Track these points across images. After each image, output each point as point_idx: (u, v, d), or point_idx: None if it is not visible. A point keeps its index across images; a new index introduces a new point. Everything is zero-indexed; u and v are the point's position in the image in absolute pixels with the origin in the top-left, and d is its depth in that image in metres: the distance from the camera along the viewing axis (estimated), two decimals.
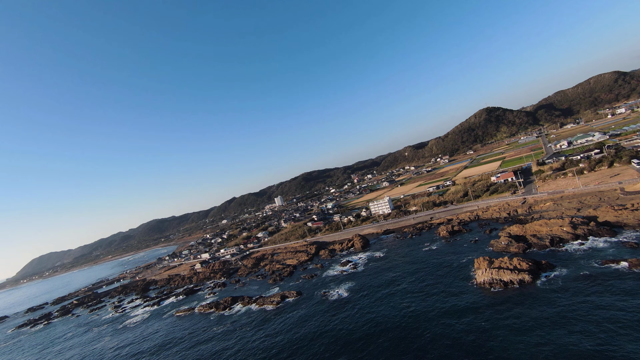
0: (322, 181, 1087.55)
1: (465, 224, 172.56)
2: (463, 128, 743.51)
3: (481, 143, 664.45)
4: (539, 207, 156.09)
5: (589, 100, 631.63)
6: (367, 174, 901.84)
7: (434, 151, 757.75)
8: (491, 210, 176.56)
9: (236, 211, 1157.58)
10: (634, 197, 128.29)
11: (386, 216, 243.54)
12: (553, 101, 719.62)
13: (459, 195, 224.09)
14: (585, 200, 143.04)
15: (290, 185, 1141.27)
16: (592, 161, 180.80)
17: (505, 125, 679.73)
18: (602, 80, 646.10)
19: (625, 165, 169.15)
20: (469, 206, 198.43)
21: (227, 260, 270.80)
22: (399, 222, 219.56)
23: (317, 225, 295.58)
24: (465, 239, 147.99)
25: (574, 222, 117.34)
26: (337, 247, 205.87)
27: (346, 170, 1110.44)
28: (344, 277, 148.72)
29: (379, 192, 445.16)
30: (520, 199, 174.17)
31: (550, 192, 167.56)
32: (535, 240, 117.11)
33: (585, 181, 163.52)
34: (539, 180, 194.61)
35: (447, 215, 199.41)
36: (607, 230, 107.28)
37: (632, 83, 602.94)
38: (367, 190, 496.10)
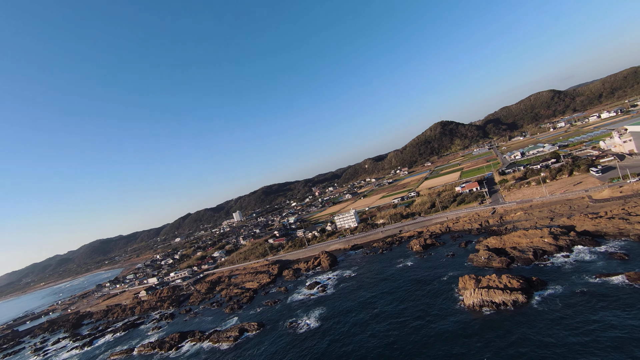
0: (282, 195, 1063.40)
1: (437, 237, 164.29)
2: (420, 141, 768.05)
3: (437, 155, 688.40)
4: (510, 217, 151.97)
5: (531, 115, 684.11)
6: (329, 187, 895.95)
7: (393, 163, 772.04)
8: (462, 222, 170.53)
9: (191, 228, 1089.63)
10: (604, 205, 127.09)
11: (353, 230, 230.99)
12: (499, 116, 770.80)
13: (426, 206, 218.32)
14: (555, 209, 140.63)
15: (249, 200, 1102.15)
16: (553, 170, 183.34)
17: (458, 138, 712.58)
18: (541, 98, 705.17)
19: (584, 173, 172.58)
20: (438, 217, 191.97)
21: (177, 286, 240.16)
22: (367, 236, 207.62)
23: (279, 241, 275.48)
24: (440, 254, 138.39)
25: (554, 232, 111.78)
26: (302, 266, 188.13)
27: (307, 183, 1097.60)
28: (312, 302, 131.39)
29: (342, 204, 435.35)
30: (489, 209, 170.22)
31: (519, 201, 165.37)
32: (517, 253, 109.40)
33: (550, 190, 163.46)
34: (503, 190, 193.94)
35: (417, 228, 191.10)
36: (589, 240, 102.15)
37: (565, 100, 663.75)
38: (330, 203, 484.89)
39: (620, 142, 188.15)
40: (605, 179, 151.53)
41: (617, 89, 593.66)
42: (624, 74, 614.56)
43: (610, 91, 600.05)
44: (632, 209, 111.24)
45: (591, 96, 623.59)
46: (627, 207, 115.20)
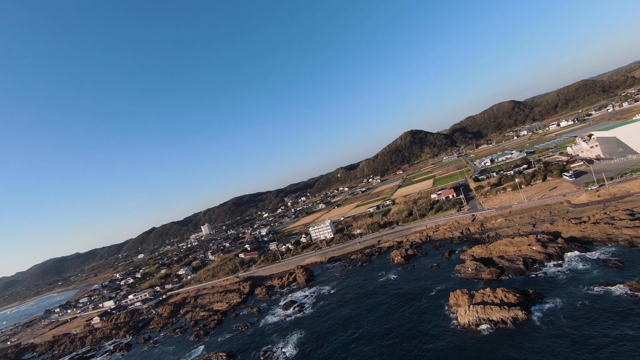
0: (254, 206, 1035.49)
1: (418, 247, 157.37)
2: (391, 149, 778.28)
3: (408, 163, 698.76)
4: (491, 224, 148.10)
5: (494, 124, 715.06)
6: (301, 197, 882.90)
7: (365, 172, 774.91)
8: (442, 230, 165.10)
9: (156, 243, 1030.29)
10: (584, 210, 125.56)
11: (329, 241, 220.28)
12: (465, 125, 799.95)
13: (404, 214, 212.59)
14: (536, 214, 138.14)
15: (219, 212, 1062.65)
16: (527, 175, 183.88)
17: (428, 147, 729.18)
18: (503, 108, 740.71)
19: (557, 178, 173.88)
20: (416, 226, 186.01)
21: (136, 309, 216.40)
22: (344, 248, 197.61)
23: (250, 256, 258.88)
24: (424, 265, 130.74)
25: (541, 239, 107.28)
26: (276, 283, 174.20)
27: (279, 194, 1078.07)
28: (289, 324, 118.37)
29: (316, 214, 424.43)
30: (469, 216, 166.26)
31: (497, 207, 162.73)
32: (505, 262, 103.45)
33: (527, 195, 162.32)
34: (480, 196, 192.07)
35: (396, 237, 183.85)
36: (578, 247, 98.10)
37: (525, 110, 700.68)
38: (303, 214, 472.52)
39: (588, 147, 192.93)
40: (579, 183, 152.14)
41: (570, 99, 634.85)
42: (576, 86, 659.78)
43: (565, 102, 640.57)
44: (614, 213, 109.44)
45: (548, 106, 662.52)
46: (608, 211, 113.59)
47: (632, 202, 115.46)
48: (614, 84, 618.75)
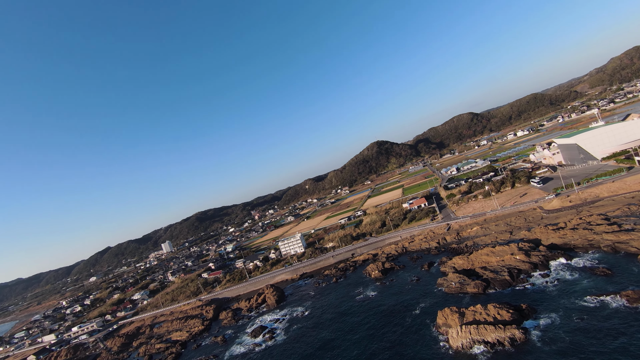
0: (219, 220, 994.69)
1: (395, 259, 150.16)
2: (358, 160, 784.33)
3: (376, 173, 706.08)
4: (467, 232, 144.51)
5: (455, 135, 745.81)
6: (269, 210, 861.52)
7: (334, 183, 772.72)
8: (417, 240, 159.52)
9: (111, 264, 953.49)
10: (558, 215, 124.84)
11: (300, 256, 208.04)
12: (428, 136, 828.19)
13: (377, 225, 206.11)
14: (511, 221, 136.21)
15: (181, 228, 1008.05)
16: (497, 183, 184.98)
17: (394, 157, 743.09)
18: (462, 120, 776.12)
19: (525, 184, 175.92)
20: (391, 237, 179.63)
21: (81, 344, 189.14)
22: (316, 263, 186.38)
23: (215, 275, 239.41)
24: (403, 279, 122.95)
25: (523, 248, 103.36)
26: (243, 305, 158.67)
27: (245, 207, 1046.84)
28: (259, 355, 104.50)
29: (285, 227, 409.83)
30: (444, 226, 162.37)
31: (471, 215, 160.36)
32: (490, 274, 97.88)
33: (499, 202, 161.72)
34: (452, 204, 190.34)
35: (370, 250, 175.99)
36: (562, 254, 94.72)
37: (482, 122, 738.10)
38: (272, 227, 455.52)
39: (550, 154, 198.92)
40: (548, 189, 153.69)
41: (522, 111, 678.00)
42: (527, 100, 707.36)
43: (518, 114, 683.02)
44: (590, 218, 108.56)
45: (503, 118, 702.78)
46: (583, 216, 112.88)
47: (604, 207, 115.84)
48: (560, 97, 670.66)
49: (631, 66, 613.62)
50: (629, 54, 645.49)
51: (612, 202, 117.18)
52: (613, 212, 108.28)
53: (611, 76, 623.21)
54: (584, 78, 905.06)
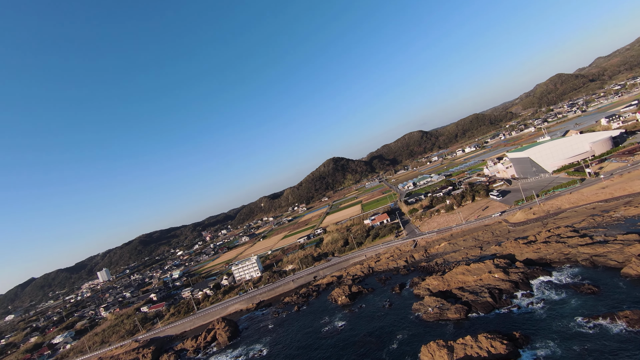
0: (166, 243, 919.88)
1: (362, 281, 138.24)
2: (315, 177, 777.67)
3: (333, 190, 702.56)
4: (435, 249, 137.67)
5: (407, 152, 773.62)
6: (222, 230, 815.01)
7: (290, 200, 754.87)
8: (384, 259, 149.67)
9: (34, 298, 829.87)
10: (525, 228, 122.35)
11: (256, 282, 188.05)
12: (382, 153, 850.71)
13: (339, 244, 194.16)
14: (478, 236, 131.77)
15: (122, 253, 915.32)
16: (457, 197, 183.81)
17: (350, 173, 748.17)
18: (413, 137, 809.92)
19: (485, 198, 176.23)
20: (355, 256, 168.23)
21: None
22: (275, 289, 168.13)
23: (157, 308, 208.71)
24: (373, 305, 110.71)
25: (500, 264, 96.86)
26: (189, 345, 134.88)
27: (196, 228, 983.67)
28: None
29: (239, 249, 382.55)
30: (410, 242, 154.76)
31: (437, 230, 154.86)
32: (470, 296, 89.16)
33: (463, 216, 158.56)
34: (415, 219, 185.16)
35: (334, 271, 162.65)
36: (541, 270, 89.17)
37: (432, 139, 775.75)
38: (224, 249, 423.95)
39: (504, 168, 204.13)
40: (508, 202, 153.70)
41: (467, 130, 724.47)
42: (470, 119, 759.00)
43: (463, 132, 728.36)
44: (558, 231, 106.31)
45: (450, 136, 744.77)
46: (550, 228, 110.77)
47: (568, 219, 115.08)
48: (498, 117, 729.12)
49: (555, 91, 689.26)
50: (553, 80, 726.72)
51: (575, 214, 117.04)
52: (579, 224, 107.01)
53: (539, 99, 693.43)
54: (515, 101, 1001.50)
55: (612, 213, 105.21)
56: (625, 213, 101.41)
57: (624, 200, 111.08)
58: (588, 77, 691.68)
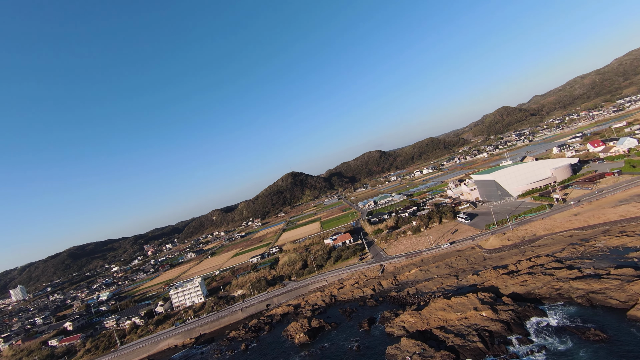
0: (101, 257, 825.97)
1: (323, 312, 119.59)
2: (272, 191, 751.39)
3: (290, 205, 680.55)
4: (405, 276, 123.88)
5: (366, 170, 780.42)
6: (167, 244, 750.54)
7: (245, 214, 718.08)
8: (348, 286, 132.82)
9: None
10: (501, 256, 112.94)
11: (198, 310, 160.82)
12: (341, 170, 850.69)
13: (297, 266, 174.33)
14: (452, 262, 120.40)
15: (45, 267, 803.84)
16: (424, 218, 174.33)
17: (308, 189, 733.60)
18: (372, 156, 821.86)
19: (452, 220, 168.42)
20: (315, 281, 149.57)
21: None
22: (219, 320, 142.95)
23: (70, 341, 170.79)
24: (338, 346, 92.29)
25: (484, 299, 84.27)
26: None
27: (138, 240, 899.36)
28: None
29: (183, 267, 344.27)
30: (376, 267, 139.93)
31: (406, 254, 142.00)
32: (455, 339, 74.61)
33: (432, 239, 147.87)
34: (380, 241, 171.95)
35: (290, 299, 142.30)
36: (533, 309, 77.58)
37: (390, 159, 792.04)
38: (166, 266, 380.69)
39: (468, 190, 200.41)
40: (478, 225, 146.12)
41: (423, 152, 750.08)
42: (426, 142, 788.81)
43: (419, 154, 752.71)
44: (540, 260, 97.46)
45: (407, 157, 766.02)
46: (530, 257, 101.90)
47: (547, 247, 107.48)
48: (451, 142, 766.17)
49: (502, 121, 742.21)
50: (500, 111, 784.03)
51: (552, 241, 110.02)
52: (561, 253, 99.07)
53: (488, 128, 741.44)
54: (465, 129, 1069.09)
55: (593, 242, 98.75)
56: (607, 243, 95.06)
57: (601, 229, 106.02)
58: (529, 111, 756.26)
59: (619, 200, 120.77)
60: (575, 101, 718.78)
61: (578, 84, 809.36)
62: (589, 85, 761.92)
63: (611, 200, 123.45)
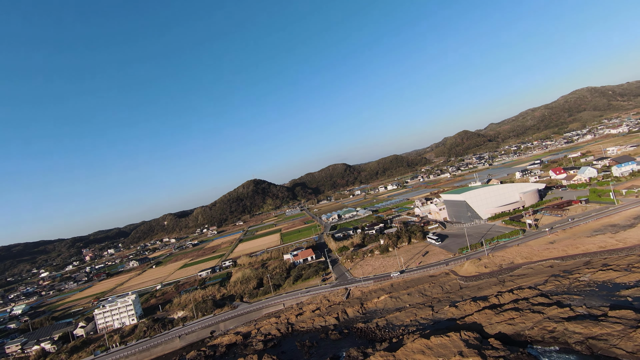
0: (30, 260, 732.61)
1: (277, 345, 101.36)
2: (232, 197, 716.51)
3: (249, 214, 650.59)
4: (374, 303, 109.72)
5: (330, 183, 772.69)
6: (109, 248, 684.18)
7: (200, 221, 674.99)
8: (308, 312, 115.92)
9: None
10: (479, 285, 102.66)
11: (127, 334, 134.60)
12: (305, 181, 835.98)
13: (251, 284, 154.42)
14: (425, 290, 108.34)
15: None
16: (392, 237, 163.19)
17: (270, 198, 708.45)
18: (337, 169, 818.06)
19: (421, 240, 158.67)
20: (271, 304, 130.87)
21: None
22: (151, 350, 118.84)
23: None
24: None
25: (468, 340, 71.73)
26: None
27: (76, 243, 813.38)
28: None
29: (122, 277, 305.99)
30: (341, 291, 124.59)
31: (373, 277, 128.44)
32: None
33: (403, 261, 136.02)
34: (345, 260, 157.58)
35: (240, 325, 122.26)
36: (526, 356, 65.90)
37: (354, 173, 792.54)
38: (103, 275, 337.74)
39: (437, 209, 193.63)
40: (450, 249, 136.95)
41: (387, 169, 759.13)
42: (390, 159, 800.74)
43: (383, 170, 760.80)
44: (523, 293, 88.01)
45: (371, 172, 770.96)
46: (512, 288, 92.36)
47: (527, 277, 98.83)
48: (414, 161, 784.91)
49: (462, 144, 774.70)
50: (460, 135, 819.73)
51: (532, 271, 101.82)
52: (544, 286, 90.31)
53: (449, 150, 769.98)
54: (427, 149, 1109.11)
55: (577, 275, 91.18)
56: (593, 277, 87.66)
57: (582, 260, 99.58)
58: (487, 137, 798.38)
59: (594, 230, 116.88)
60: (527, 131, 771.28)
61: (530, 116, 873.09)
62: (539, 118, 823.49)
63: (586, 229, 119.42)
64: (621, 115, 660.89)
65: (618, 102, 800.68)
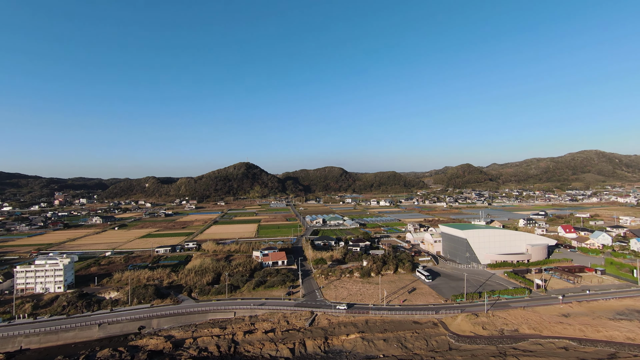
0: None
1: None
2: (220, 175, 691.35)
3: (234, 196, 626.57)
4: (341, 341, 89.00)
5: (323, 184, 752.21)
6: (82, 197, 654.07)
7: (182, 191, 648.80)
8: (260, 333, 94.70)
9: None
10: (474, 351, 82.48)
11: (44, 305, 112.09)
12: (298, 176, 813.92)
13: (207, 278, 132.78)
14: (407, 340, 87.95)
15: None
16: (377, 261, 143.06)
17: (259, 185, 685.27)
18: (333, 172, 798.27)
19: (410, 273, 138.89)
20: (220, 309, 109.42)
21: None
22: (60, 334, 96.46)
23: None
24: None
25: None
26: None
27: (51, 184, 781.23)
28: None
29: (79, 231, 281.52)
30: (305, 314, 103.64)
31: (346, 305, 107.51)
32: None
33: (386, 293, 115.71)
34: (320, 275, 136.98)
35: (176, 327, 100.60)
36: None
37: (349, 180, 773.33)
38: (59, 224, 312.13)
39: (432, 240, 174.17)
40: (442, 291, 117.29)
41: (383, 183, 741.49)
42: (388, 175, 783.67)
43: (379, 184, 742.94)
44: None
45: (367, 183, 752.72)
46: None
47: (536, 356, 78.94)
48: (412, 182, 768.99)
49: (462, 177, 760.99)
50: (463, 167, 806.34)
51: (541, 349, 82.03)
52: None
53: (449, 179, 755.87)
54: (426, 174, 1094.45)
55: None
56: None
57: (606, 351, 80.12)
58: (489, 175, 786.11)
59: (617, 312, 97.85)
60: (529, 179, 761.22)
61: (534, 165, 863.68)
62: (543, 169, 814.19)
63: (606, 309, 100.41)
64: (624, 185, 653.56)
65: (622, 172, 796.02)
